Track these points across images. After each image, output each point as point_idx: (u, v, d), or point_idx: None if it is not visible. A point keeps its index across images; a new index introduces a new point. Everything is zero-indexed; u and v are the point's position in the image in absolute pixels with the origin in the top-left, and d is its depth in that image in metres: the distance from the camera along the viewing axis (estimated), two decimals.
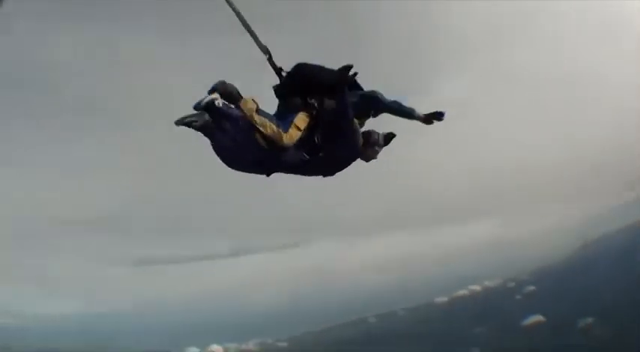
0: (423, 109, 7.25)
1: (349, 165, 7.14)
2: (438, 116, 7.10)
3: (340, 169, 7.14)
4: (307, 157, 6.88)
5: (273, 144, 6.52)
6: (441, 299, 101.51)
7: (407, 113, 7.14)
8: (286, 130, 6.54)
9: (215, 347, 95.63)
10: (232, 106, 6.54)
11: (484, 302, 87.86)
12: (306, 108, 6.90)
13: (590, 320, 61.08)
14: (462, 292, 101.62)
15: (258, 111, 6.55)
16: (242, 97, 6.62)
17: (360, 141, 7.07)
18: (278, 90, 7.17)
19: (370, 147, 7.18)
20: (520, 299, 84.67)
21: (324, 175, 7.17)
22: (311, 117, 6.86)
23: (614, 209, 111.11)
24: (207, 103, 6.27)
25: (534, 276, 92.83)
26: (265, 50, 7.02)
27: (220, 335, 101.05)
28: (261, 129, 6.45)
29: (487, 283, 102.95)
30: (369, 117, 7.33)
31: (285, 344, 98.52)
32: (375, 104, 7.20)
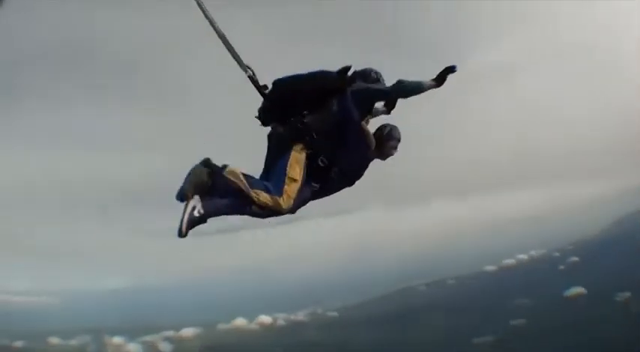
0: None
1: (366, 168, 6.98)
2: (451, 70, 6.54)
3: (358, 178, 6.98)
4: (317, 186, 6.65)
5: (271, 212, 6.34)
6: (491, 267, 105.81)
7: (416, 89, 6.63)
8: (280, 193, 6.25)
9: (264, 317, 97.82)
10: (214, 200, 6.21)
11: (530, 272, 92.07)
12: (298, 136, 6.57)
13: (628, 294, 65.64)
14: (510, 261, 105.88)
15: (247, 179, 6.30)
16: (222, 168, 6.34)
17: (372, 142, 6.82)
18: (260, 116, 6.88)
19: (385, 144, 6.97)
20: (563, 269, 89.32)
21: (343, 188, 6.98)
22: (307, 144, 6.55)
23: None
24: (191, 223, 6.00)
25: (578, 247, 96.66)
26: (246, 68, 6.74)
27: (269, 306, 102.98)
28: (255, 200, 6.20)
29: (533, 253, 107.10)
30: (370, 113, 7.12)
31: (335, 314, 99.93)
32: (377, 97, 6.98)
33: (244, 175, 6.31)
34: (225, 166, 6.34)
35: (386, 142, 6.97)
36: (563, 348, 60.53)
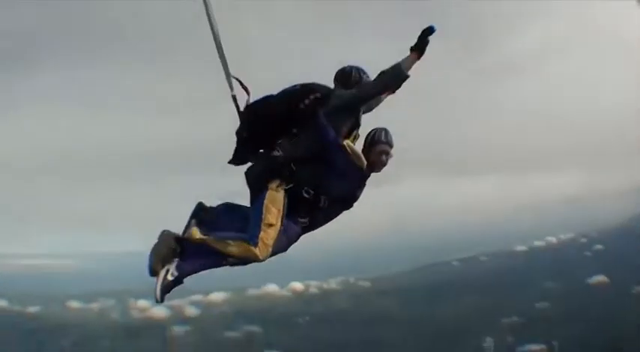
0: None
1: (363, 188, 6.12)
2: (429, 31, 5.57)
3: (356, 200, 6.13)
4: (307, 220, 5.91)
5: (250, 261, 5.69)
6: (521, 248, 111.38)
7: (396, 77, 5.73)
8: (256, 242, 5.57)
9: (296, 284, 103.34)
10: (188, 260, 5.74)
11: (557, 256, 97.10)
12: (273, 170, 5.86)
13: None
14: (540, 243, 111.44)
15: (213, 237, 5.71)
16: (187, 232, 5.84)
17: (362, 161, 5.89)
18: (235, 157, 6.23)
19: (372, 151, 5.97)
20: (589, 256, 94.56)
21: (340, 213, 6.13)
22: (284, 178, 5.81)
23: None
24: (165, 288, 5.61)
25: (603, 235, 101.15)
26: (232, 86, 6.09)
27: (301, 273, 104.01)
28: (229, 254, 5.65)
29: (562, 236, 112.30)
30: (358, 125, 6.14)
31: (367, 284, 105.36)
32: (356, 106, 6.03)
33: (206, 234, 5.78)
34: (188, 227, 5.92)
35: (372, 149, 6.07)
36: (582, 336, 65.97)
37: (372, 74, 6.01)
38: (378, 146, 6.00)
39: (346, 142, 5.87)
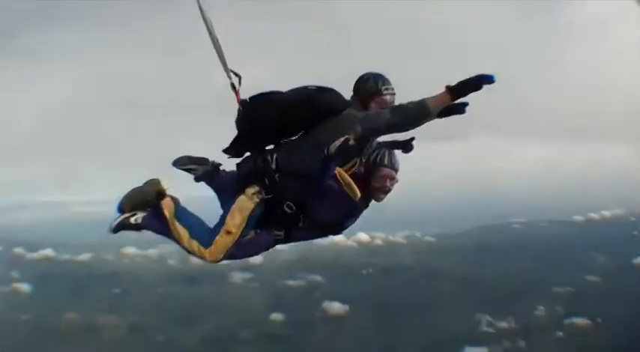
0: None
1: (357, 218, 5.98)
2: (488, 80, 4.93)
3: (345, 228, 6.04)
4: (281, 235, 5.87)
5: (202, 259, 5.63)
6: (578, 218, 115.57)
7: (422, 113, 5.20)
8: (209, 244, 5.59)
9: (362, 235, 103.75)
10: (156, 220, 5.87)
11: (609, 231, 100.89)
12: (255, 175, 5.72)
13: None
14: (594, 215, 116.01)
15: (177, 215, 5.80)
16: (164, 196, 5.92)
17: (356, 194, 5.53)
18: (230, 149, 6.05)
19: (373, 176, 5.75)
20: (636, 235, 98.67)
21: (325, 237, 6.31)
22: (264, 187, 5.67)
23: None
24: (122, 225, 5.86)
25: None
26: (230, 76, 5.84)
27: (369, 224, 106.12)
28: (178, 241, 5.71)
29: (617, 211, 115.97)
30: (360, 155, 5.77)
31: (432, 240, 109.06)
32: (368, 137, 5.62)
33: (176, 209, 5.85)
34: (165, 195, 5.97)
35: (374, 173, 5.72)
36: (625, 315, 71.28)
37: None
38: (381, 170, 5.69)
39: (338, 171, 5.53)
